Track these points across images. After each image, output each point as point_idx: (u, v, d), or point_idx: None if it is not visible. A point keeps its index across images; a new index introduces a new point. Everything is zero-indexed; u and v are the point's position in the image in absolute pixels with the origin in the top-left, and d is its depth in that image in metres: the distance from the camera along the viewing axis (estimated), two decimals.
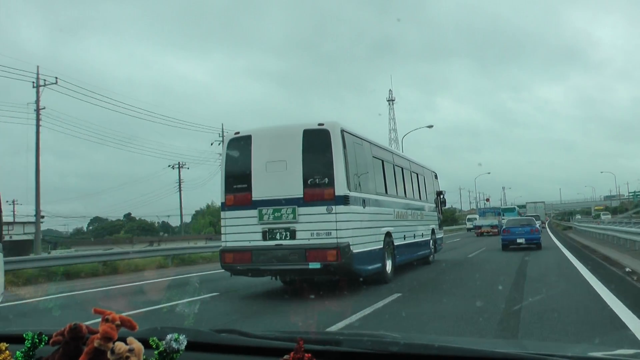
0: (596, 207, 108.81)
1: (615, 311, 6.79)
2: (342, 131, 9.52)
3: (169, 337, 1.37)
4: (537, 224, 28.44)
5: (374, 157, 11.29)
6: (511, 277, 11.13)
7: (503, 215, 46.03)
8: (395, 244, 11.45)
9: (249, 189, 9.68)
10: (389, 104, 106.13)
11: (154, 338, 1.34)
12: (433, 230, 16.54)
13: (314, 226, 9.15)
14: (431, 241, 16.12)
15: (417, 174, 15.42)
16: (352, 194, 9.43)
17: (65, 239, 53.68)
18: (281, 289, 10.16)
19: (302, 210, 9.29)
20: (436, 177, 19.08)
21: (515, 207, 59.59)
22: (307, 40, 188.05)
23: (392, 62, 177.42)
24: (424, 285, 11.07)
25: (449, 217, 60.22)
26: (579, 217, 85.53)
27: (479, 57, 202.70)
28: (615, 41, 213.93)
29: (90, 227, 74.10)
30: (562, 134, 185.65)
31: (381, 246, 10.64)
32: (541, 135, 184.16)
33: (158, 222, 70.43)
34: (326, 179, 9.29)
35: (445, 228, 23.14)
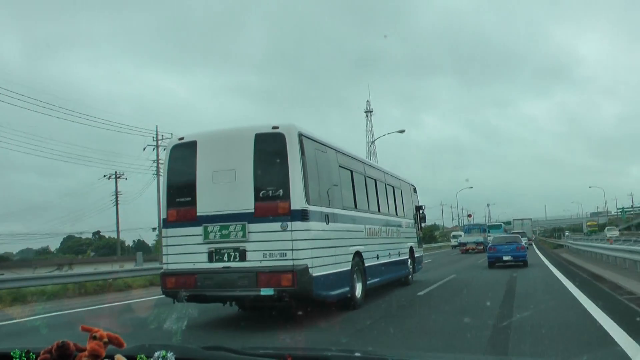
0: (589, 223, 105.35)
1: None
2: (301, 135, 8.50)
3: (156, 354, 1.39)
4: (524, 240, 28.58)
5: (340, 166, 10.38)
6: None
7: (489, 232, 46.56)
8: (366, 264, 10.61)
9: (193, 202, 8.60)
10: (367, 116, 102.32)
11: (142, 355, 1.36)
12: (411, 249, 15.89)
13: (266, 246, 8.10)
14: (409, 260, 15.46)
15: (392, 187, 14.81)
16: (312, 208, 8.42)
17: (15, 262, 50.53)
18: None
19: (253, 227, 8.22)
20: (415, 190, 18.37)
21: (501, 223, 61.59)
22: (289, 56, 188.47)
23: (376, 78, 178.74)
24: (395, 317, 9.94)
25: (426, 234, 56.39)
26: (568, 234, 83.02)
27: (463, 73, 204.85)
28: (600, 58, 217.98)
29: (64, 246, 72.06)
30: (547, 150, 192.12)
31: (349, 268, 9.60)
32: (526, 152, 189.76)
33: (134, 240, 68.28)
34: (281, 191, 8.23)
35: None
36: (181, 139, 9.03)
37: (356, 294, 10.02)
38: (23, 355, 1.36)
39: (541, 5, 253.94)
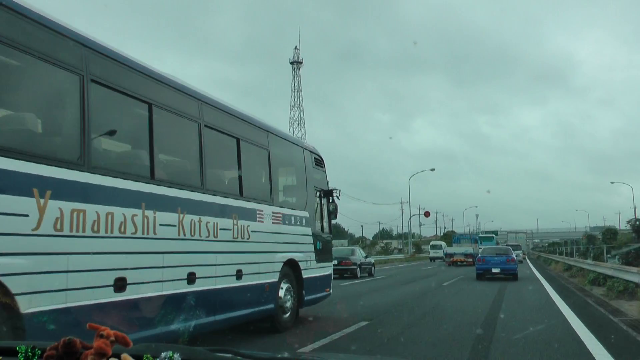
0: None
1: None
2: None
3: (163, 354, 1.39)
4: (519, 253, 27.17)
5: None
6: None
7: (480, 244, 46.46)
8: (45, 308, 4.93)
9: None
10: (293, 68, 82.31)
11: (148, 355, 1.36)
12: (293, 264, 9.95)
13: None
14: (286, 287, 9.61)
15: (237, 141, 8.54)
16: None
17: None
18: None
19: None
20: (319, 164, 12.11)
21: (493, 235, 62.81)
22: (269, 47, 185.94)
23: (362, 74, 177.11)
24: None
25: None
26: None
27: (454, 73, 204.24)
28: (598, 65, 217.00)
29: None
30: (539, 162, 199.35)
31: None
32: (517, 163, 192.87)
33: None
34: None
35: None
36: None
37: None
38: (29, 350, 1.36)
39: (536, 1, 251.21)
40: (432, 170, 70.04)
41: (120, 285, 5.64)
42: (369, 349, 7.75)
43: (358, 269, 27.07)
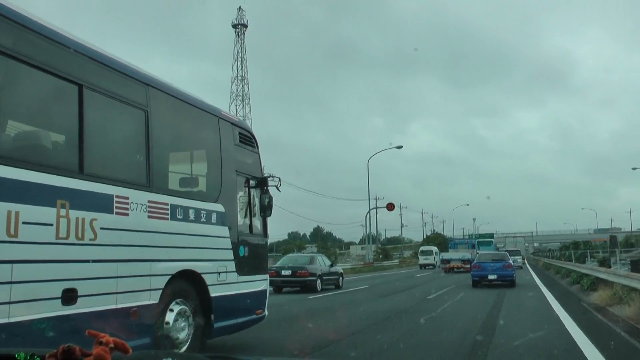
0: None
1: None
2: None
3: None
4: (518, 259, 26.13)
5: None
6: None
7: (478, 248, 46.07)
8: None
9: None
10: (237, 32, 77.43)
11: None
12: (196, 279, 6.97)
13: None
14: (177, 309, 6.48)
15: (99, 94, 5.73)
16: None
17: None
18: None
19: None
20: (245, 141, 9.07)
21: (491, 240, 59.39)
22: (257, 46, 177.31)
23: (355, 74, 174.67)
24: None
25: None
26: None
27: (450, 75, 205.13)
28: (596, 65, 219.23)
29: None
30: (536, 165, 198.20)
31: None
32: (514, 167, 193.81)
33: None
34: None
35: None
36: None
37: None
38: (28, 357, 1.36)
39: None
40: (399, 147, 54.60)
41: None
42: None
43: (318, 281, 22.02)
